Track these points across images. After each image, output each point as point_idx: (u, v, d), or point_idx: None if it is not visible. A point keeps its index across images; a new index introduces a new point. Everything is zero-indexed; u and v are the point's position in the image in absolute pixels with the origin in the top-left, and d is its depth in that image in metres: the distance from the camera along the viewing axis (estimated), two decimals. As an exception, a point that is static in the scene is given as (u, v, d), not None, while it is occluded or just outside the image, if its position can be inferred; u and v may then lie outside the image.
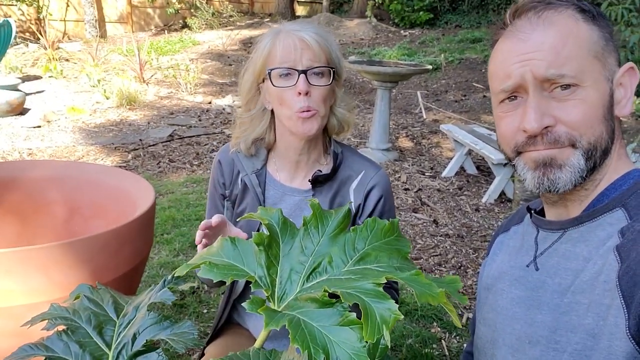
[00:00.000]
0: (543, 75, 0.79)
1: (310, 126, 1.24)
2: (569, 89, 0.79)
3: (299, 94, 1.21)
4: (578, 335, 0.77)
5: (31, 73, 8.28)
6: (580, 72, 0.79)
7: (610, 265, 0.75)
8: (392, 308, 0.57)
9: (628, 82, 0.84)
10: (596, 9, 0.84)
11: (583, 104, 0.79)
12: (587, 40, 0.80)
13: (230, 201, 1.43)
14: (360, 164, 1.37)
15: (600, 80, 0.81)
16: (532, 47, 0.81)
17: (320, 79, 1.24)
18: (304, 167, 1.37)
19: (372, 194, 1.34)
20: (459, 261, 3.29)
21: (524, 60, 0.81)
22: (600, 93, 0.80)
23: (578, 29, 0.80)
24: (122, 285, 1.57)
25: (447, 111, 7.02)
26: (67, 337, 0.84)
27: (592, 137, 0.80)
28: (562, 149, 0.81)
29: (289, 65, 1.22)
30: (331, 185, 1.35)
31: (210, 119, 6.58)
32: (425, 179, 4.72)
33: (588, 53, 0.80)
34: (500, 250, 1.04)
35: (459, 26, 12.25)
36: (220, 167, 1.42)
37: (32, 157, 5.01)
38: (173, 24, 13.00)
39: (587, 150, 0.80)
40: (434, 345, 2.45)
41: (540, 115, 0.80)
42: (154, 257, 3.13)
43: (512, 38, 0.84)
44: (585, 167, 0.81)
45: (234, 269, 0.70)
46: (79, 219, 2.10)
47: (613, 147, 0.84)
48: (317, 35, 1.23)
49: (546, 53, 0.79)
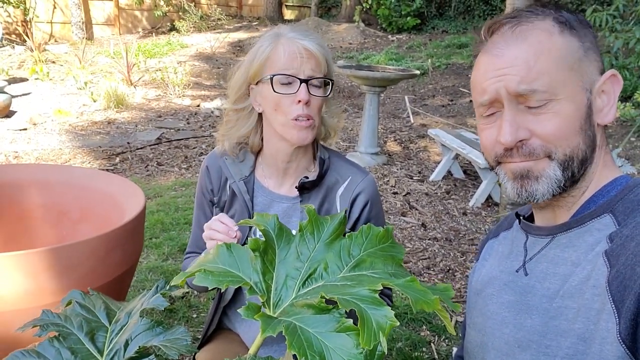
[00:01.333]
0: (515, 91, 0.81)
1: (305, 135, 1.25)
2: (542, 103, 0.80)
3: (298, 102, 1.22)
4: (569, 339, 0.78)
5: (17, 75, 8.18)
6: (553, 86, 0.80)
7: (600, 270, 0.76)
8: (388, 315, 0.57)
9: (611, 89, 0.84)
10: (578, 17, 0.85)
11: (557, 117, 0.80)
12: (562, 53, 0.81)
13: (219, 207, 1.43)
14: (347, 169, 1.37)
15: (575, 92, 0.81)
16: (505, 62, 0.82)
17: (319, 89, 1.25)
18: (292, 174, 1.37)
19: (358, 200, 1.34)
20: (447, 265, 3.31)
21: (498, 75, 0.83)
22: (575, 105, 0.81)
23: (552, 43, 0.81)
24: (112, 290, 1.55)
25: (434, 116, 7.07)
26: (59, 344, 0.83)
27: (568, 149, 0.82)
28: (538, 161, 0.83)
29: (291, 73, 1.21)
30: (318, 191, 1.34)
31: (199, 122, 6.55)
32: (413, 182, 4.75)
33: (562, 66, 0.80)
34: (490, 255, 1.05)
35: (445, 32, 12.35)
36: (208, 174, 1.41)
37: (18, 160, 4.95)
38: (161, 27, 12.94)
39: (563, 161, 0.82)
40: (423, 349, 2.46)
41: (515, 129, 0.82)
42: (143, 262, 3.11)
43: (488, 54, 0.86)
44: (562, 178, 0.83)
45: (230, 275, 0.70)
46: (67, 223, 2.08)
47: (596, 155, 0.84)
48: (319, 46, 1.24)
49: (519, 68, 0.81)
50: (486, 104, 0.86)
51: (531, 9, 0.85)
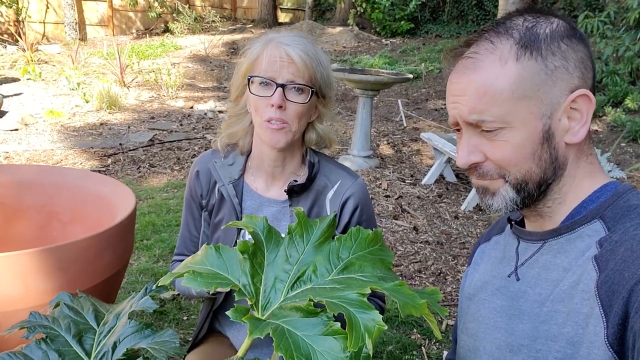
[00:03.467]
0: (466, 120, 0.84)
1: (278, 138, 1.25)
2: (494, 131, 0.82)
3: (272, 106, 1.23)
4: (558, 343, 0.78)
5: (9, 75, 8.13)
6: (503, 116, 0.81)
7: (589, 275, 0.77)
8: (376, 318, 0.58)
9: (583, 107, 0.82)
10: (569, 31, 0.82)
11: (507, 145, 0.82)
12: (514, 81, 0.80)
13: (207, 211, 1.42)
14: (337, 173, 1.37)
15: (529, 119, 0.81)
16: (459, 91, 0.85)
17: (299, 95, 1.25)
18: (280, 178, 1.37)
19: (347, 205, 1.34)
20: (439, 268, 3.32)
21: (454, 102, 0.86)
22: (528, 132, 0.81)
23: (504, 72, 0.80)
24: (102, 292, 1.55)
25: (427, 119, 7.10)
26: (46, 346, 0.83)
27: (519, 174, 0.84)
28: (493, 181, 0.86)
29: (269, 76, 1.23)
30: (308, 195, 1.34)
31: (192, 124, 6.54)
32: (405, 186, 4.76)
33: (513, 95, 0.80)
34: (482, 260, 1.06)
35: (439, 36, 12.40)
36: (198, 177, 1.41)
37: (9, 160, 4.91)
38: (155, 28, 12.91)
39: (516, 184, 0.85)
40: (414, 352, 2.46)
41: (467, 154, 0.86)
42: (134, 264, 3.10)
43: (449, 80, 0.88)
44: (516, 197, 0.85)
45: (218, 277, 0.70)
46: (57, 224, 2.07)
47: (567, 172, 0.85)
48: (304, 53, 1.23)
49: (469, 99, 0.83)
50: (450, 125, 0.90)
51: (500, 25, 0.84)
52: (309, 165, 1.34)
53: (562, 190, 0.86)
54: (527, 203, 0.86)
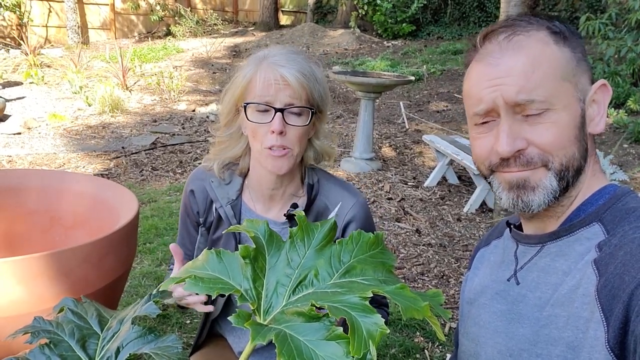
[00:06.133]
0: (514, 100, 0.81)
1: (280, 164, 1.20)
2: (540, 112, 0.81)
3: (272, 132, 1.17)
4: (558, 348, 0.78)
5: (12, 79, 8.16)
6: (551, 96, 0.80)
7: (589, 279, 0.76)
8: (378, 322, 0.58)
9: (601, 98, 0.85)
10: (569, 29, 0.85)
11: (554, 127, 0.81)
12: (558, 64, 0.81)
13: (205, 227, 1.38)
14: (337, 193, 1.32)
15: (571, 102, 0.82)
16: (502, 71, 0.82)
17: (298, 118, 1.19)
18: (279, 200, 1.32)
19: (349, 229, 1.30)
20: (442, 270, 3.31)
21: (495, 85, 0.82)
22: (571, 115, 0.82)
23: (548, 53, 0.81)
24: (105, 296, 1.55)
25: (429, 121, 7.09)
26: (50, 351, 0.83)
27: (565, 159, 0.82)
28: (535, 170, 0.83)
29: (266, 101, 1.17)
30: (308, 217, 1.29)
31: (194, 127, 6.55)
32: (408, 188, 4.75)
33: (558, 76, 0.81)
34: (481, 264, 1.06)
35: (441, 38, 12.39)
36: (193, 196, 1.36)
37: (11, 164, 4.93)
38: (157, 32, 12.94)
39: (560, 171, 0.82)
40: (417, 355, 2.46)
41: (512, 140, 0.82)
42: (136, 267, 3.10)
43: (482, 62, 0.85)
44: (557, 188, 0.83)
45: (220, 282, 0.70)
46: (60, 228, 2.07)
47: (587, 165, 0.85)
48: (299, 73, 1.17)
49: (516, 78, 0.80)
50: (482, 113, 0.85)
51: (525, 18, 0.86)
52: (307, 188, 1.30)
53: (579, 186, 0.85)
54: (558, 197, 0.83)
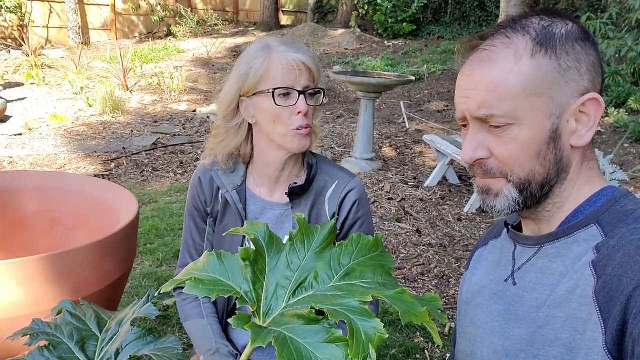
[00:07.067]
0: (475, 115, 0.83)
1: (305, 142, 1.31)
2: (502, 127, 0.81)
3: (299, 113, 1.27)
4: (556, 349, 0.78)
5: (13, 80, 8.17)
6: (513, 112, 0.80)
7: (587, 281, 0.76)
8: (377, 327, 0.58)
9: (591, 111, 0.82)
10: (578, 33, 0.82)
11: (513, 143, 0.81)
12: (526, 78, 0.80)
13: (212, 218, 1.44)
14: (335, 173, 1.41)
15: (538, 117, 0.80)
16: (470, 85, 0.84)
17: (313, 98, 1.32)
18: (284, 182, 1.39)
19: (347, 200, 1.38)
20: (442, 271, 3.31)
21: (464, 96, 0.85)
22: (536, 131, 0.81)
23: (516, 69, 0.80)
24: (106, 297, 1.55)
25: (429, 121, 7.09)
26: (49, 353, 0.83)
27: (522, 174, 0.83)
28: (496, 180, 0.85)
29: (289, 85, 1.27)
30: (308, 196, 1.38)
31: (195, 127, 6.55)
32: (408, 188, 4.75)
33: (526, 91, 0.80)
34: (479, 264, 1.06)
35: (441, 37, 12.39)
36: (201, 185, 1.43)
37: (12, 165, 4.93)
38: (157, 32, 12.94)
39: (519, 184, 0.84)
40: (417, 356, 2.46)
41: (473, 149, 0.84)
42: (137, 268, 3.10)
43: (461, 73, 0.87)
44: (519, 198, 0.84)
45: (220, 284, 0.70)
46: (60, 229, 2.07)
47: (570, 175, 0.84)
48: (312, 58, 1.30)
49: (480, 92, 0.82)
50: (458, 119, 0.89)
51: (516, 22, 0.84)
52: (307, 167, 1.38)
53: (563, 194, 0.86)
54: (529, 205, 0.85)
